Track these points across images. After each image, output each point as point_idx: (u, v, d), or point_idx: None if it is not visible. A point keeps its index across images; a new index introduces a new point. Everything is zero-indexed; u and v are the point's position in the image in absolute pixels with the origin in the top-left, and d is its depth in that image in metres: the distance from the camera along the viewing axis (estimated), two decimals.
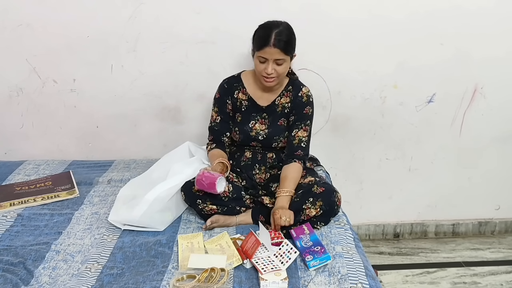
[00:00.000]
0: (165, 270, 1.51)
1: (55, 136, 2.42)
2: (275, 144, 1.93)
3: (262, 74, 1.80)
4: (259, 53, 1.76)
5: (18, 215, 1.85)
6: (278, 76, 1.81)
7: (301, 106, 1.92)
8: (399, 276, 2.40)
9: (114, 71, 2.29)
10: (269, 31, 1.75)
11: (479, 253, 2.61)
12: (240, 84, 1.95)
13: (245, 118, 1.95)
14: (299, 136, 1.90)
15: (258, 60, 1.79)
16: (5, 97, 2.33)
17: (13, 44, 2.23)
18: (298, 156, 1.89)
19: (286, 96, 1.93)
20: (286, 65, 1.80)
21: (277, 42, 1.73)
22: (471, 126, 2.50)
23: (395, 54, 2.32)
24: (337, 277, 1.47)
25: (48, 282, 1.47)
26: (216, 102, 1.97)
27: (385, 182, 2.60)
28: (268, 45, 1.73)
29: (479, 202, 2.71)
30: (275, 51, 1.73)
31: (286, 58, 1.78)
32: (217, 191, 1.70)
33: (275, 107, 1.93)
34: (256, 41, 1.79)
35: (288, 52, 1.77)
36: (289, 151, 1.91)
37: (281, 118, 1.94)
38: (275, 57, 1.75)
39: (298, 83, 1.96)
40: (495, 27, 2.30)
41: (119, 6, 2.17)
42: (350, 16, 2.23)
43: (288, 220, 1.66)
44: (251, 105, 1.94)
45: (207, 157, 2.00)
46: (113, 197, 1.94)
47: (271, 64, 1.76)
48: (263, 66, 1.78)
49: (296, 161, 1.88)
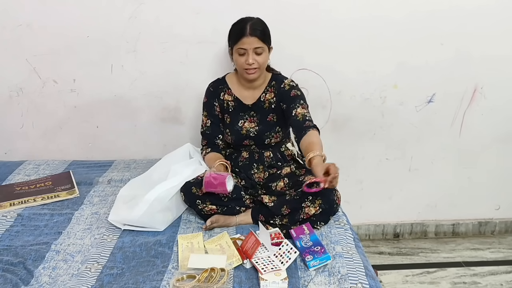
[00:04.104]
0: (165, 270, 1.51)
1: (55, 136, 2.42)
2: (267, 140, 1.94)
3: (244, 66, 1.84)
4: (238, 45, 1.81)
5: (18, 215, 1.85)
6: (259, 66, 1.84)
7: (287, 93, 1.92)
8: (399, 276, 2.40)
9: (114, 71, 2.29)
10: (244, 24, 1.82)
11: (479, 253, 2.61)
12: (225, 86, 1.98)
13: (233, 119, 1.97)
14: (300, 113, 1.85)
15: (237, 53, 1.84)
16: (5, 97, 2.33)
17: (13, 44, 2.23)
18: (309, 126, 1.81)
19: (270, 91, 1.95)
20: (265, 55, 1.85)
21: (253, 31, 1.80)
22: (471, 126, 2.50)
23: (395, 54, 2.32)
24: (337, 277, 1.47)
25: (48, 282, 1.47)
26: (204, 106, 2.01)
27: (385, 182, 2.60)
28: (245, 35, 1.79)
29: (479, 202, 2.71)
30: (252, 39, 1.79)
31: (264, 47, 1.83)
32: (227, 190, 1.71)
33: (262, 104, 1.95)
34: (233, 35, 1.85)
35: (265, 40, 1.83)
36: (299, 127, 1.82)
37: (269, 114, 1.95)
38: (253, 46, 1.80)
39: (281, 77, 1.98)
40: (495, 27, 2.30)
41: (119, 6, 2.18)
42: (350, 16, 2.23)
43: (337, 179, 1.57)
44: (238, 105, 1.97)
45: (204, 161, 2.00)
46: (113, 197, 1.94)
47: (251, 54, 1.81)
48: (243, 58, 1.83)
49: (310, 129, 1.79)
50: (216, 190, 1.73)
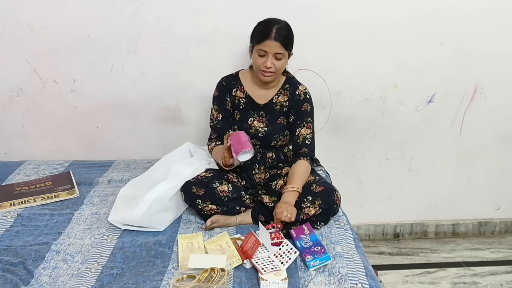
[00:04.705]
0: (165, 270, 1.51)
1: (55, 136, 2.42)
2: (274, 142, 1.94)
3: (261, 68, 1.82)
4: (260, 46, 1.79)
5: (18, 215, 1.85)
6: (276, 71, 1.83)
7: (299, 104, 1.93)
8: (399, 276, 2.40)
9: (114, 71, 2.29)
10: (270, 26, 1.79)
11: (479, 253, 2.61)
12: (238, 82, 1.96)
13: (243, 116, 1.95)
14: (303, 134, 1.91)
15: (257, 53, 1.82)
16: (5, 97, 2.33)
17: (13, 44, 2.23)
18: (303, 153, 1.89)
19: (283, 94, 1.95)
20: (284, 61, 1.84)
21: (278, 36, 1.77)
22: (471, 126, 2.50)
23: (395, 54, 2.32)
24: (337, 277, 1.47)
25: (48, 282, 1.47)
26: (215, 100, 1.98)
27: (385, 182, 2.60)
28: (269, 38, 1.77)
29: (479, 202, 2.71)
30: (275, 44, 1.77)
31: (285, 53, 1.82)
32: (249, 148, 1.68)
33: (273, 105, 1.94)
34: (257, 35, 1.82)
35: (287, 47, 1.81)
36: (295, 150, 1.92)
37: (280, 116, 1.95)
38: (275, 51, 1.78)
39: (294, 81, 1.98)
40: (495, 27, 2.30)
41: (120, 6, 2.18)
42: (351, 16, 2.23)
43: (289, 216, 1.66)
44: (249, 103, 1.95)
45: (209, 155, 1.99)
46: (113, 197, 1.94)
47: (271, 58, 1.79)
48: (262, 60, 1.81)
49: (302, 158, 1.87)
50: (238, 145, 1.69)
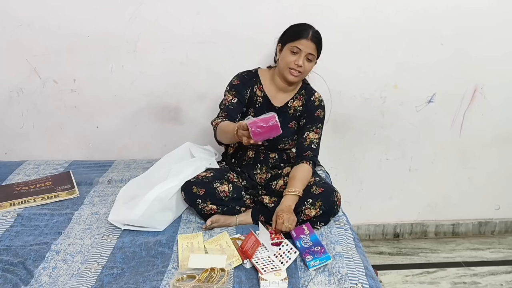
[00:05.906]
0: (165, 270, 1.51)
1: (55, 136, 2.42)
2: (282, 145, 1.94)
3: (291, 65, 1.84)
4: (294, 43, 1.82)
5: (18, 215, 1.85)
6: (303, 72, 1.86)
7: (313, 109, 1.94)
8: (399, 276, 2.40)
9: (114, 71, 2.29)
10: (307, 28, 1.85)
11: (479, 253, 2.61)
12: (258, 80, 1.97)
13: (257, 115, 1.93)
14: (310, 138, 1.91)
15: (289, 51, 1.84)
16: (5, 97, 2.33)
17: (13, 44, 2.23)
18: (307, 156, 1.88)
19: (299, 99, 1.96)
20: (312, 64, 1.88)
21: (314, 38, 1.83)
22: (471, 126, 2.50)
23: (395, 54, 2.32)
24: (337, 277, 1.47)
25: (48, 282, 1.47)
26: (233, 87, 1.93)
27: (385, 182, 2.60)
28: (306, 38, 1.81)
29: (479, 202, 2.71)
30: (310, 44, 1.82)
31: (315, 56, 1.86)
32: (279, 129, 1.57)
33: (287, 109, 1.95)
34: (293, 33, 1.86)
35: (318, 51, 1.87)
36: (299, 152, 1.91)
37: (292, 120, 1.96)
38: (308, 51, 1.82)
39: (310, 88, 2.00)
40: (495, 27, 2.30)
41: (120, 7, 2.18)
42: (350, 16, 2.23)
43: (290, 227, 1.66)
44: (266, 103, 1.96)
45: (210, 154, 1.97)
46: (113, 197, 1.94)
47: (303, 57, 1.82)
48: (294, 57, 1.83)
49: (304, 162, 1.87)
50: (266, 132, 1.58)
